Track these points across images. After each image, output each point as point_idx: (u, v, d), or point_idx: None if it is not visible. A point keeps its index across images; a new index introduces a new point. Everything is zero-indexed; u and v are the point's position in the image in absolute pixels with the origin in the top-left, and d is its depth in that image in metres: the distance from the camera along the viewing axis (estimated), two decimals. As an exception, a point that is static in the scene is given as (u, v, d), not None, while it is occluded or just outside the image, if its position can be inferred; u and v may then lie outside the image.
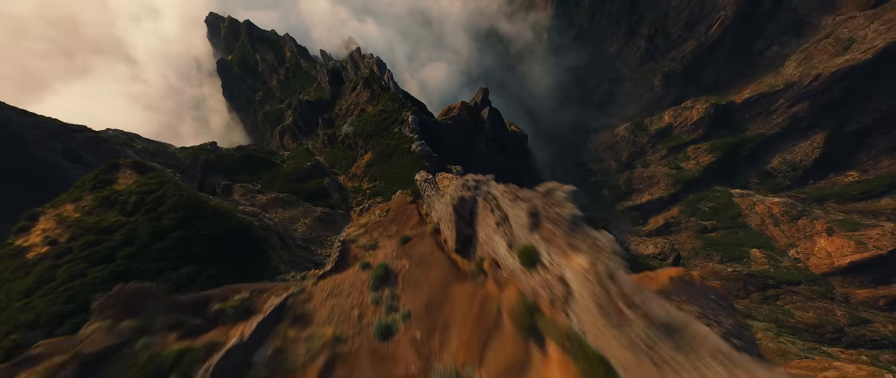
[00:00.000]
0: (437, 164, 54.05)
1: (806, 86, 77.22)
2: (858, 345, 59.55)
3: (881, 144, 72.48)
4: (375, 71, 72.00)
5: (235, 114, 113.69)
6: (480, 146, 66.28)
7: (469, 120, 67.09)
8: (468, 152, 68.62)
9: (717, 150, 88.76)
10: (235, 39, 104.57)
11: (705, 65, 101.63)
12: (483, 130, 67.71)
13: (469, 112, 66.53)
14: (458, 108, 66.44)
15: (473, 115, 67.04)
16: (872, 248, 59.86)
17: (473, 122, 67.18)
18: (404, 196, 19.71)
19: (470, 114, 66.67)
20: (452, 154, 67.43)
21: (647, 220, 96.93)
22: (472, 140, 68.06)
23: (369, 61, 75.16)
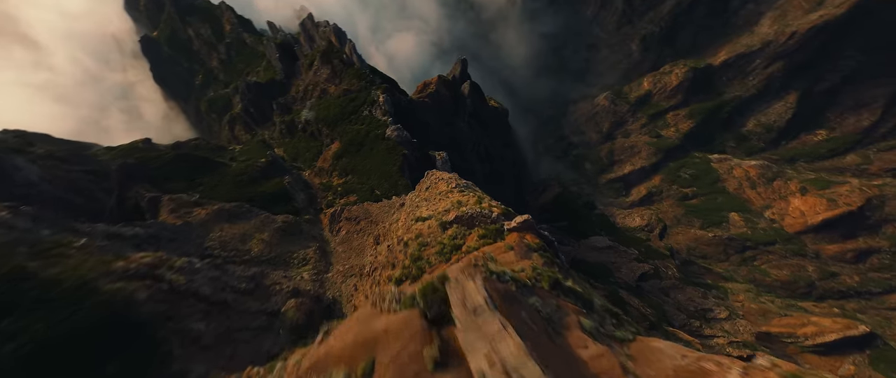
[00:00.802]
0: (416, 151, 49.71)
1: (781, 44, 78.86)
2: (827, 297, 64.76)
3: (848, 102, 76.37)
4: (334, 42, 64.37)
5: (174, 102, 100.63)
6: (462, 125, 62.26)
7: (448, 96, 62.46)
8: (450, 133, 64.47)
9: (695, 116, 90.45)
10: (159, 11, 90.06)
11: (683, 26, 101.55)
12: (464, 107, 63.50)
13: (447, 87, 61.78)
14: (436, 83, 61.42)
15: (453, 91, 62.43)
16: (843, 205, 63.91)
17: (453, 99, 62.67)
18: (410, 319, 7.75)
19: (449, 89, 61.97)
20: (433, 136, 63.02)
21: (630, 190, 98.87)
22: (452, 119, 63.77)
23: (325, 31, 66.93)
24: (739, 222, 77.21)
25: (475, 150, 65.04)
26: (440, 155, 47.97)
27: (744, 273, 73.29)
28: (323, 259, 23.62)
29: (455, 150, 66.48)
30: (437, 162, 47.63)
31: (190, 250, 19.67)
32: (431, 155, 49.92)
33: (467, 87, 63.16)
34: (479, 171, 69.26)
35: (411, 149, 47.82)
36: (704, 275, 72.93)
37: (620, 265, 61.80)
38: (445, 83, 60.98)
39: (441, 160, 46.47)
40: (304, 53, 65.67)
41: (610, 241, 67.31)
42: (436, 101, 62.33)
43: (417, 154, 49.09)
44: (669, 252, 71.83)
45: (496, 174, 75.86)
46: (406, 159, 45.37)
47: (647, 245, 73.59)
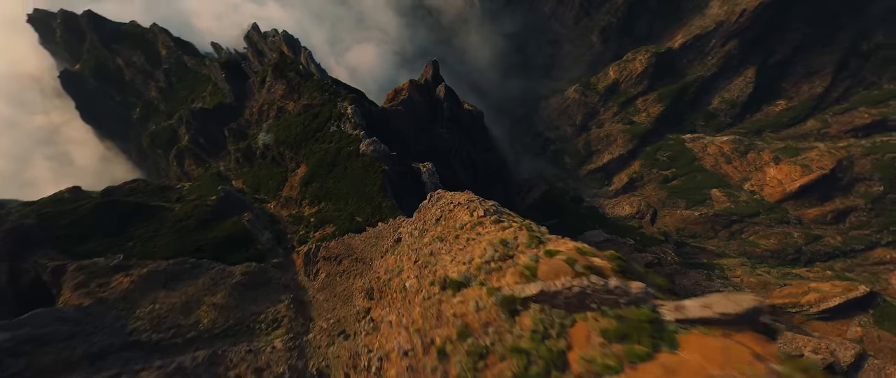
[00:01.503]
0: (397, 165, 45.14)
1: (733, 23, 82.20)
2: (815, 260, 66.30)
3: (800, 71, 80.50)
4: (287, 52, 58.65)
5: (111, 142, 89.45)
6: (442, 131, 58.40)
7: (423, 102, 58.53)
8: (429, 141, 60.38)
9: (664, 99, 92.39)
10: (79, 41, 79.73)
11: (638, 15, 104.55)
12: (441, 112, 59.76)
13: (421, 92, 57.87)
14: (408, 89, 57.32)
15: (427, 96, 58.60)
16: (816, 170, 66.12)
17: (428, 104, 58.80)
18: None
19: (423, 94, 58.08)
20: (411, 147, 58.62)
21: (611, 179, 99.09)
22: (430, 126, 59.81)
23: (275, 41, 60.89)
24: (722, 198, 78.47)
25: (458, 156, 61.47)
26: (425, 167, 43.65)
27: (734, 247, 74.10)
28: (300, 315, 18.52)
29: (437, 159, 62.43)
30: (422, 175, 43.32)
31: (102, 342, 13.99)
32: (415, 167, 45.53)
33: (443, 90, 59.63)
34: (464, 178, 65.54)
35: (391, 163, 43.19)
36: (698, 254, 72.99)
37: (621, 258, 59.66)
38: (418, 88, 57.15)
39: (427, 172, 42.17)
40: (255, 70, 59.35)
41: (606, 234, 65.52)
42: (410, 109, 58.24)
43: (398, 169, 44.53)
44: (664, 237, 71.26)
45: (481, 180, 72.55)
46: (387, 176, 40.67)
47: (640, 233, 72.74)
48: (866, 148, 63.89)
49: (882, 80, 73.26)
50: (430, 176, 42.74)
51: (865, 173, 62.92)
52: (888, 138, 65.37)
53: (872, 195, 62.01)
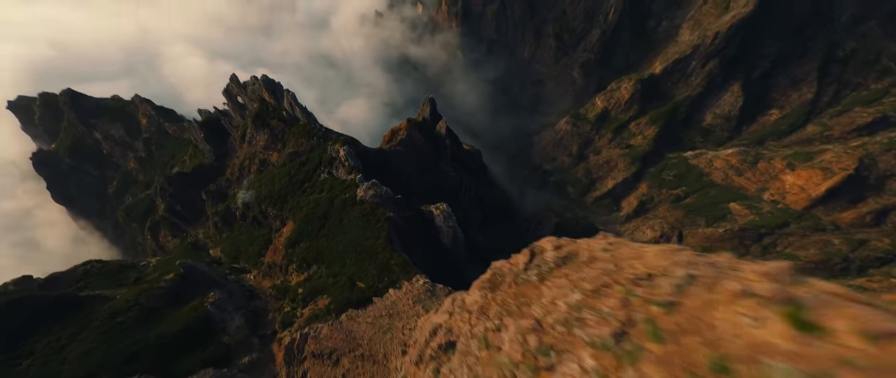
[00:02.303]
0: (404, 209, 37.57)
1: (709, 45, 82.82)
2: (866, 267, 58.26)
3: (784, 81, 79.64)
4: (268, 98, 53.18)
5: (86, 221, 79.97)
6: (447, 169, 51.85)
7: (423, 140, 52.63)
8: (434, 180, 53.54)
9: (657, 121, 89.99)
10: (58, 120, 74.19)
11: (614, 49, 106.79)
12: (444, 148, 53.77)
13: (420, 130, 52.23)
14: (406, 127, 51.68)
15: (427, 134, 52.94)
16: (839, 171, 61.02)
17: (429, 142, 52.90)
18: None
19: (422, 132, 52.40)
20: (414, 188, 51.48)
21: (619, 204, 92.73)
22: (434, 164, 53.38)
23: (255, 89, 55.70)
24: (743, 211, 71.98)
25: (466, 194, 54.54)
26: (439, 208, 35.97)
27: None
28: None
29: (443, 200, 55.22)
30: (435, 218, 35.62)
31: None
32: (425, 211, 37.86)
33: (444, 126, 54.30)
34: (475, 218, 57.89)
35: (396, 208, 35.42)
36: (736, 276, 64.22)
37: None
38: (417, 126, 51.81)
39: (442, 215, 34.47)
40: (235, 125, 53.45)
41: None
42: (410, 148, 52.23)
43: (405, 213, 36.80)
44: None
45: (491, 218, 64.96)
46: (392, 224, 32.67)
47: None
48: (884, 144, 59.85)
49: (868, 82, 72.23)
50: (445, 219, 35.00)
51: (892, 169, 58.03)
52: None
53: (908, 191, 56.49)
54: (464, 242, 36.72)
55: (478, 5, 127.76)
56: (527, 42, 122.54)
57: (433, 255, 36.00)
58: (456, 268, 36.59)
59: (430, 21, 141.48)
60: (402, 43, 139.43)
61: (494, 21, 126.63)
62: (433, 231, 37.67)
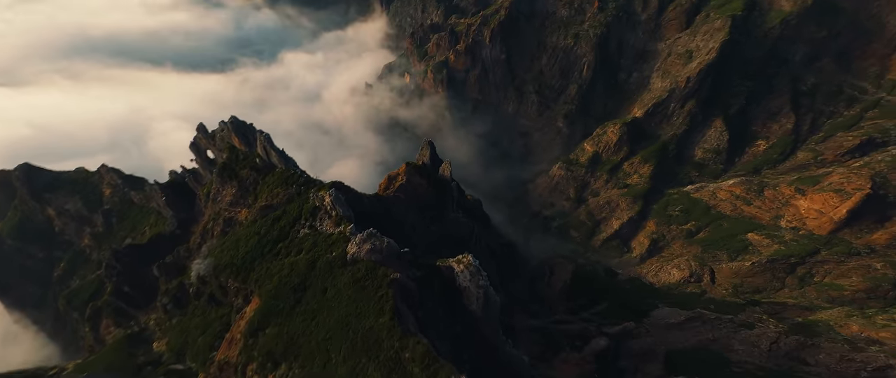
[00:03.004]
0: (413, 268, 28.44)
1: (683, 88, 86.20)
2: (921, 292, 51.34)
3: (762, 115, 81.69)
4: (238, 145, 45.88)
5: (21, 313, 64.59)
6: (457, 215, 44.50)
7: (426, 185, 46.07)
8: (441, 230, 45.61)
9: (650, 159, 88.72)
10: (9, 198, 63.82)
11: (592, 99, 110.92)
12: (451, 193, 47.08)
13: (422, 175, 45.98)
14: (405, 171, 45.33)
15: (430, 179, 46.63)
16: (854, 192, 57.83)
17: (433, 187, 46.35)
18: None
19: (424, 177, 46.08)
20: (418, 240, 43.19)
21: (629, 245, 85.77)
22: (441, 212, 46.03)
23: (223, 136, 48.25)
24: (764, 241, 66.22)
25: (478, 244, 46.51)
26: (462, 262, 26.69)
27: (813, 294, 57.99)
28: None
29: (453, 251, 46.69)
30: (458, 277, 26.47)
31: None
32: (442, 267, 28.30)
33: (448, 169, 48.43)
34: (491, 269, 48.92)
35: (403, 265, 25.89)
36: (782, 311, 55.53)
37: (728, 341, 41.29)
38: (418, 170, 45.77)
39: (468, 271, 25.36)
40: (203, 183, 45.11)
41: (683, 311, 47.85)
42: (411, 195, 45.25)
43: (415, 273, 26.47)
44: (744, 301, 54.47)
45: (505, 270, 55.95)
46: (400, 289, 22.82)
47: (711, 300, 55.57)
48: (888, 162, 58.21)
49: (840, 109, 74.64)
50: (472, 276, 25.68)
51: (907, 185, 55.38)
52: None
53: (933, 205, 52.99)
54: (499, 307, 27.10)
55: (460, 71, 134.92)
56: (510, 99, 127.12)
57: (457, 330, 26.09)
58: (488, 346, 26.55)
59: (417, 88, 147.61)
60: (392, 107, 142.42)
61: (477, 84, 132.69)
62: (454, 294, 27.92)
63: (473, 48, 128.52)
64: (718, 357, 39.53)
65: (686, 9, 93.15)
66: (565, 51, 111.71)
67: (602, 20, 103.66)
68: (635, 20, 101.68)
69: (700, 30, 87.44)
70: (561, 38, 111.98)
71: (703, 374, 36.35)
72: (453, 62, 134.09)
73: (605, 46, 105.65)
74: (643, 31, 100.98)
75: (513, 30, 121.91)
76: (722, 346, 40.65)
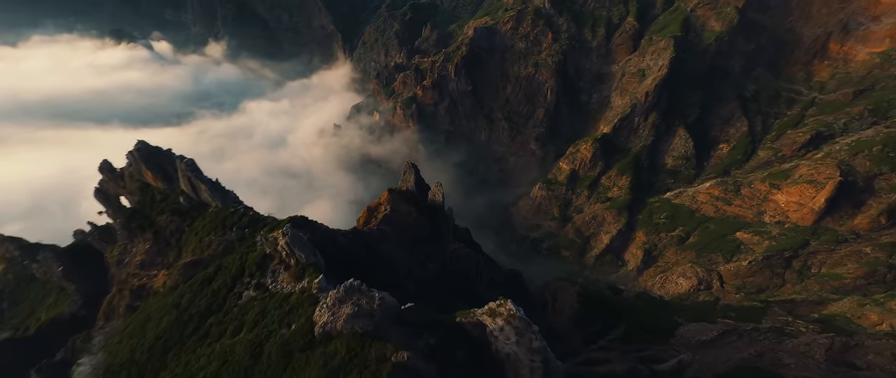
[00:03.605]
0: (418, 337, 19.29)
1: (644, 103, 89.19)
2: (915, 271, 50.46)
3: (717, 121, 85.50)
4: (151, 180, 34.89)
5: None
6: (457, 246, 37.15)
7: (415, 213, 38.73)
8: (438, 267, 37.65)
9: (626, 170, 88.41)
10: None
11: (559, 121, 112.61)
12: (445, 220, 39.94)
13: (409, 201, 38.75)
14: (387, 199, 37.94)
15: (419, 205, 39.43)
16: (826, 181, 58.64)
17: (426, 215, 39.06)
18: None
19: (412, 204, 38.85)
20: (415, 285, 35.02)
21: (622, 258, 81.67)
22: (437, 245, 38.40)
23: (132, 173, 35.40)
24: (754, 239, 64.72)
25: (484, 277, 38.93)
26: (498, 315, 17.30)
27: (815, 287, 55.68)
28: None
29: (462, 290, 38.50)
30: (493, 338, 17.22)
31: None
32: (467, 324, 18.72)
33: (440, 193, 41.69)
34: (500, 305, 40.93)
35: (410, 337, 16.89)
36: (798, 308, 52.04)
37: (774, 354, 35.75)
38: (404, 197, 38.62)
39: (509, 326, 16.61)
40: (112, 242, 33.36)
41: (712, 326, 42.34)
42: (399, 226, 37.55)
43: (428, 343, 17.23)
44: (763, 303, 50.36)
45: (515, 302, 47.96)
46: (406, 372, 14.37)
47: (732, 308, 50.93)
48: (848, 149, 60.50)
49: (782, 111, 79.77)
50: (519, 335, 15.76)
51: (871, 170, 57.04)
52: (848, 140, 64.12)
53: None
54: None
55: (429, 105, 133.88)
56: (481, 128, 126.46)
57: None
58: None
59: (387, 124, 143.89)
60: (363, 145, 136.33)
61: (448, 115, 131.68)
62: (491, 365, 18.32)
63: (440, 82, 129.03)
64: (771, 376, 33.51)
65: (631, 35, 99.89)
66: (528, 79, 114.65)
67: (558, 49, 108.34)
68: (587, 47, 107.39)
69: (647, 51, 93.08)
70: (522, 67, 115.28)
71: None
72: (421, 97, 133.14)
73: (564, 72, 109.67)
74: (596, 56, 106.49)
75: (475, 63, 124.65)
76: (771, 362, 34.84)
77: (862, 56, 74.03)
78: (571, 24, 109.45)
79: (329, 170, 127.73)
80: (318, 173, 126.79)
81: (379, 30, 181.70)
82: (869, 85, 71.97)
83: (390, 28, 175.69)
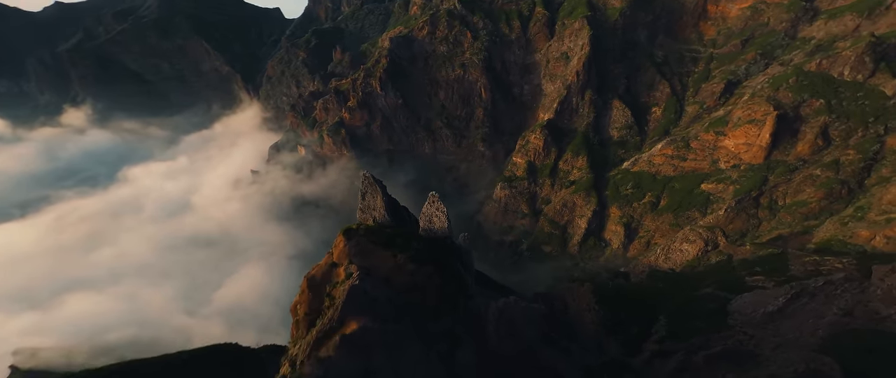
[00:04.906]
0: None
1: (577, 82, 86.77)
2: (863, 180, 52.13)
3: (643, 89, 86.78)
4: None
5: None
6: (509, 302, 22.03)
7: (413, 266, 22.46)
8: (482, 350, 21.85)
9: (580, 151, 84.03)
10: None
11: (499, 117, 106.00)
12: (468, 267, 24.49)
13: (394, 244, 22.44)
14: (347, 252, 21.24)
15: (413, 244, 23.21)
16: (765, 117, 59.37)
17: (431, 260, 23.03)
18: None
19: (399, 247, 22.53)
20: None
21: (604, 239, 75.52)
22: (460, 317, 22.60)
23: None
24: (719, 187, 63.21)
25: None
26: None
27: (789, 219, 54.72)
28: None
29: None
30: None
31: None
32: None
33: (443, 214, 26.21)
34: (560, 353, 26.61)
35: None
36: (789, 244, 49.35)
37: (865, 306, 28.46)
38: (378, 237, 22.23)
39: None
40: None
41: (766, 292, 34.69)
42: (385, 305, 21.02)
43: None
44: (779, 248, 45.65)
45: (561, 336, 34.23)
46: None
47: (754, 261, 45.20)
48: (769, 85, 62.82)
49: (690, 69, 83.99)
50: None
51: (794, 100, 59.39)
52: (757, 80, 67.56)
53: (823, 109, 56.91)
54: None
55: (360, 127, 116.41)
56: (423, 140, 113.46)
57: None
58: None
59: (316, 157, 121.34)
60: (292, 186, 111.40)
61: (384, 134, 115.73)
62: None
63: (366, 101, 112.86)
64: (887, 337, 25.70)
65: (544, 23, 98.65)
66: (458, 80, 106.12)
67: (480, 47, 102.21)
68: (508, 40, 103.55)
69: (564, 35, 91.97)
70: (449, 70, 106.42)
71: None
72: (349, 120, 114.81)
73: (492, 68, 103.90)
74: (518, 47, 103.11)
75: (399, 74, 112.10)
76: (866, 318, 27.34)
77: (734, 12, 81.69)
78: (487, 21, 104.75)
79: (254, 225, 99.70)
80: (241, 232, 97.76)
81: (283, 62, 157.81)
82: (748, 35, 79.13)
83: (296, 58, 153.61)
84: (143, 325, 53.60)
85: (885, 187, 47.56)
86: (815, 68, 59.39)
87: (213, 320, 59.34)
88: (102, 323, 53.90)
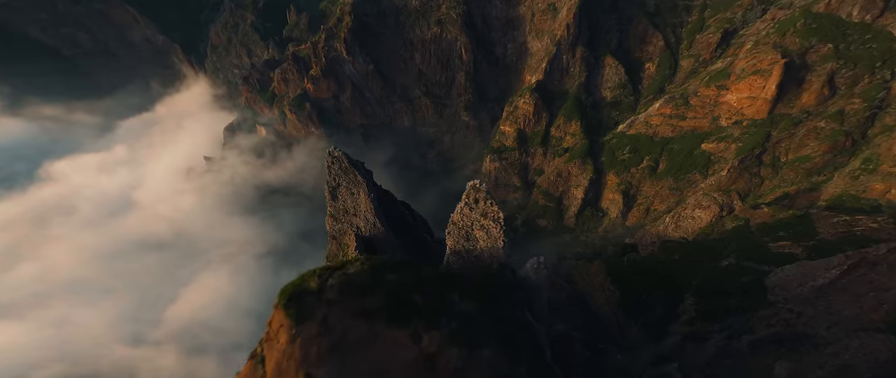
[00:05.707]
0: None
1: (568, 37, 77.56)
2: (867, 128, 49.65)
3: (636, 43, 79.21)
4: None
5: None
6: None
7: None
8: None
9: (573, 115, 77.02)
10: None
11: (482, 82, 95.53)
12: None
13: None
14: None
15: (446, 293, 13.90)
16: (772, 65, 54.45)
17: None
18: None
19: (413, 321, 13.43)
20: None
21: (601, 208, 71.51)
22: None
23: None
24: (721, 146, 59.32)
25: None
26: None
27: (792, 176, 52.17)
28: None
29: None
30: None
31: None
32: None
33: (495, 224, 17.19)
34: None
35: None
36: (796, 202, 46.77)
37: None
38: (359, 294, 14.27)
39: None
40: None
41: (818, 262, 30.73)
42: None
43: None
44: (801, 211, 42.24)
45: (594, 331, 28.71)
46: None
47: (775, 225, 41.76)
48: (773, 31, 57.49)
49: (684, 19, 77.21)
50: None
51: (801, 46, 54.65)
52: (758, 27, 62.15)
53: (830, 55, 52.70)
54: None
55: (328, 99, 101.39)
56: (401, 111, 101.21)
57: None
58: None
59: (279, 138, 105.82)
60: (254, 173, 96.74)
61: (356, 107, 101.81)
62: None
63: (332, 67, 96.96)
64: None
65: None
66: (435, 41, 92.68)
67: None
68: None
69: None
70: (425, 29, 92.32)
71: None
72: (314, 91, 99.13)
73: (472, 25, 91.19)
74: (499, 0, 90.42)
75: (368, 36, 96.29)
76: None
77: (730, -47, 73.90)
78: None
79: (213, 221, 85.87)
80: (197, 231, 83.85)
81: (229, 27, 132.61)
82: (743, -21, 72.31)
83: (243, 21, 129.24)
84: (75, 361, 42.21)
85: (891, 136, 44.95)
86: (823, 9, 54.28)
87: (164, 347, 48.86)
88: (23, 360, 41.96)
